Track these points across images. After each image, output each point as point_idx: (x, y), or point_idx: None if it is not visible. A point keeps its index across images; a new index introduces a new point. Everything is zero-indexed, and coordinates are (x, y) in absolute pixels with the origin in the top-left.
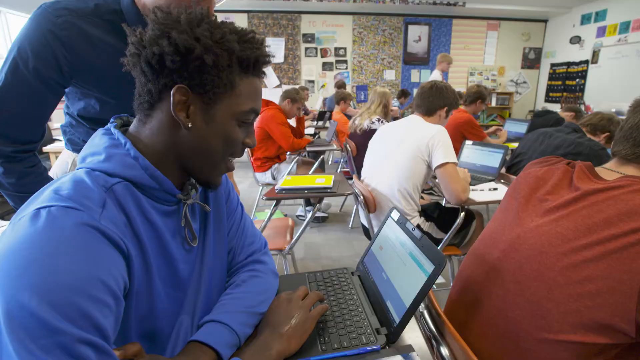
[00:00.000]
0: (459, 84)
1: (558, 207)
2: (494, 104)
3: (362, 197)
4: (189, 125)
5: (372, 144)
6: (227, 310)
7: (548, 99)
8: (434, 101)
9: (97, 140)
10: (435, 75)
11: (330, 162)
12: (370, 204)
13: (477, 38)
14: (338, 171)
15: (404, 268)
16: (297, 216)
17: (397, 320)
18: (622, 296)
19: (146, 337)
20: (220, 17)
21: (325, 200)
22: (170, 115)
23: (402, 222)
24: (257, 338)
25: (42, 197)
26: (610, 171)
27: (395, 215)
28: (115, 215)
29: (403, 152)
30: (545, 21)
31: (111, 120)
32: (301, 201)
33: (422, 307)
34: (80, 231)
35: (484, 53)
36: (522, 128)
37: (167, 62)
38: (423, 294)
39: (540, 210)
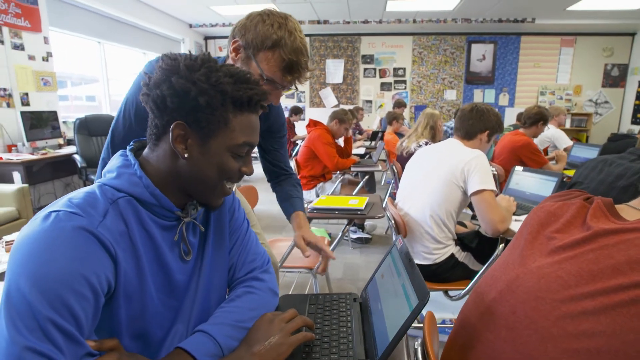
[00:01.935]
0: (527, 104)
1: (564, 247)
2: (568, 125)
3: (393, 222)
4: (186, 156)
5: (408, 166)
6: (215, 322)
7: (635, 121)
8: (474, 124)
9: (114, 160)
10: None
11: (382, 183)
12: (401, 229)
13: (549, 55)
14: (388, 191)
15: (395, 300)
16: None
17: (380, 353)
18: None
19: (138, 338)
20: None
21: (371, 222)
22: (171, 146)
23: (403, 251)
24: (232, 353)
25: (59, 203)
26: (635, 210)
27: (399, 243)
28: (114, 224)
29: (437, 177)
30: (633, 34)
31: (131, 143)
32: (345, 221)
33: (417, 343)
34: (76, 233)
35: (557, 71)
36: (593, 154)
37: (168, 102)
38: (404, 329)
39: (546, 249)
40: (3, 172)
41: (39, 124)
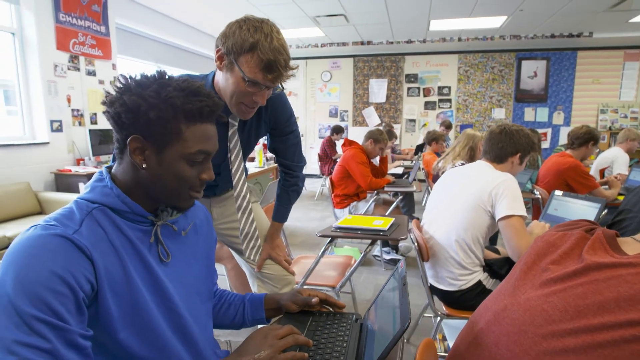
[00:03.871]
0: (585, 122)
1: (556, 279)
2: None
3: (416, 245)
4: (144, 166)
5: (435, 188)
6: None
7: None
8: (504, 147)
9: (93, 177)
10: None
11: (423, 204)
12: (424, 252)
13: (610, 70)
14: None
15: (386, 323)
16: (374, 256)
17: None
18: None
19: (138, 335)
20: (328, 62)
21: (406, 243)
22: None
23: (401, 274)
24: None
25: (42, 219)
26: (638, 243)
27: (400, 266)
28: (91, 231)
29: (464, 200)
30: None
31: (111, 161)
32: (379, 241)
33: None
34: (51, 239)
35: (619, 87)
36: None
37: (123, 118)
38: (385, 354)
39: (538, 281)
40: (71, 183)
41: (106, 140)
